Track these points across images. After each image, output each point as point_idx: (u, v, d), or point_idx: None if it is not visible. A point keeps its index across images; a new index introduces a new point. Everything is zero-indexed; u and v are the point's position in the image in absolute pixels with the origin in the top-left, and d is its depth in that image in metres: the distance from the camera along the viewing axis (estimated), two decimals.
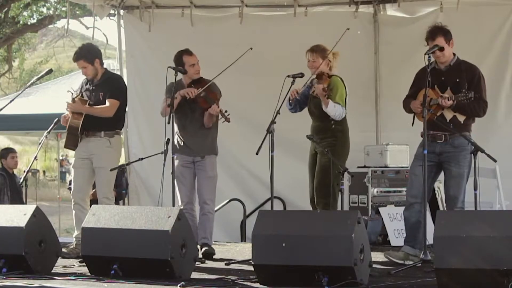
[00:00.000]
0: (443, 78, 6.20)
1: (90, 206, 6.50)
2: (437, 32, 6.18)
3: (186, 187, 6.85)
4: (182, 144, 6.77)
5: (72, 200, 6.96)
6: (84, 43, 7.27)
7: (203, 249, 6.62)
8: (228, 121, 6.70)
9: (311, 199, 6.93)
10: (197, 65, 6.88)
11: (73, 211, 6.94)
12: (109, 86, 6.85)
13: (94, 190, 7.24)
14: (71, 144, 6.94)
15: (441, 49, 6.11)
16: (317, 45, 6.91)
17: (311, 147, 6.97)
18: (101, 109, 6.77)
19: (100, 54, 7.04)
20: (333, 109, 6.66)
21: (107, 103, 6.78)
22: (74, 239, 6.84)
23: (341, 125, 6.83)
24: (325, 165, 6.71)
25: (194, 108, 6.80)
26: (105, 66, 7.17)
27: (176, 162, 6.52)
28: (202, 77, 6.90)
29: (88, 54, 6.89)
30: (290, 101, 6.81)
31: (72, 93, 6.90)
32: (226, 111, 6.67)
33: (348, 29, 6.76)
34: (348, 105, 6.89)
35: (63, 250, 6.65)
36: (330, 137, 6.75)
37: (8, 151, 10.02)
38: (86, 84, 7.00)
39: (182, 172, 6.76)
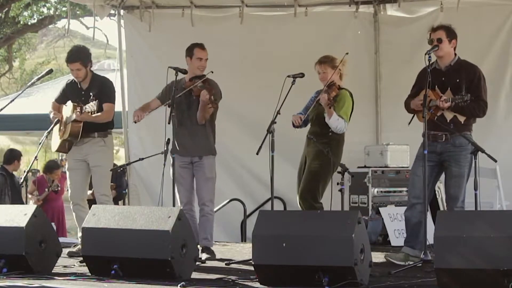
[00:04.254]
0: (443, 79, 6.20)
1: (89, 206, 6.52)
2: (441, 27, 6.21)
3: (185, 188, 6.84)
4: (179, 144, 6.72)
5: (71, 202, 6.98)
6: (78, 45, 7.27)
7: (204, 255, 6.57)
8: (215, 108, 6.63)
9: (299, 202, 6.90)
10: (204, 62, 6.86)
11: (74, 213, 6.96)
12: (102, 90, 6.87)
13: (92, 191, 7.27)
14: (65, 149, 6.96)
15: (439, 40, 6.11)
16: (324, 56, 6.88)
17: (303, 151, 6.95)
18: (103, 116, 6.80)
19: (91, 57, 7.07)
20: (335, 122, 6.62)
21: (105, 108, 6.81)
22: (79, 239, 6.84)
23: (338, 135, 6.74)
24: (313, 170, 6.68)
25: (191, 104, 6.79)
26: (105, 66, 7.20)
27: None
28: (205, 75, 6.87)
29: (85, 57, 6.91)
30: (295, 126, 6.78)
31: (82, 108, 6.85)
32: (215, 100, 6.63)
33: (347, 53, 6.74)
34: None
35: (71, 249, 6.68)
36: (324, 143, 6.68)
37: (18, 155, 10.02)
38: (72, 88, 7.01)
39: (180, 173, 6.74)
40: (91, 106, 6.63)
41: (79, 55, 6.90)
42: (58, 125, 6.99)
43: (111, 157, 7.14)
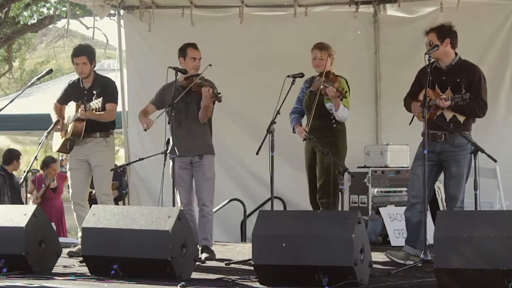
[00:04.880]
0: (443, 78, 6.20)
1: (90, 206, 6.53)
2: (431, 29, 6.22)
3: (185, 189, 6.83)
4: (178, 144, 6.70)
5: (72, 202, 6.99)
6: (83, 43, 7.34)
7: (204, 254, 6.56)
8: (219, 101, 6.62)
9: (311, 199, 6.91)
10: (198, 61, 6.88)
11: (75, 213, 6.97)
12: (105, 90, 6.89)
13: (93, 191, 7.28)
14: (66, 149, 6.97)
15: (430, 43, 6.13)
16: (322, 42, 6.89)
17: (307, 145, 6.94)
18: (105, 115, 6.82)
19: (95, 57, 7.14)
20: (342, 112, 6.63)
21: (108, 108, 6.83)
22: (80, 239, 6.84)
23: (341, 125, 6.81)
24: (328, 165, 6.67)
25: (188, 103, 6.79)
26: (105, 66, 7.23)
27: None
28: (200, 74, 6.87)
29: (90, 53, 6.99)
30: (304, 140, 6.74)
31: (86, 106, 6.86)
32: (219, 93, 6.63)
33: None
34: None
35: (71, 249, 6.68)
36: (331, 136, 6.71)
37: (17, 155, 10.01)
38: (74, 88, 7.03)
39: (180, 174, 6.74)
40: (96, 103, 6.64)
41: (86, 50, 6.99)
42: (59, 126, 7.00)
43: (112, 157, 7.17)
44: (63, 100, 7.08)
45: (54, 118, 7.02)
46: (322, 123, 6.78)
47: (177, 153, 6.47)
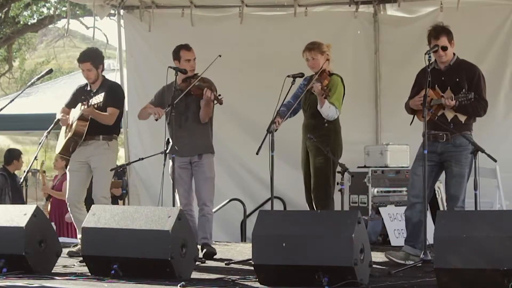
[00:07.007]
0: (443, 78, 6.20)
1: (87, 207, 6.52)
2: (441, 32, 6.19)
3: (184, 188, 6.84)
4: (177, 144, 6.60)
5: (68, 204, 6.97)
6: (91, 47, 7.30)
7: (204, 249, 6.60)
8: (221, 103, 6.61)
9: (306, 198, 6.91)
10: (193, 62, 6.87)
11: (71, 215, 6.98)
12: (110, 94, 6.84)
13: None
14: (68, 152, 6.95)
15: (444, 48, 6.12)
16: (311, 42, 6.87)
17: (302, 146, 6.93)
18: (104, 116, 6.80)
19: (103, 60, 7.09)
20: (327, 110, 6.61)
21: (108, 111, 6.81)
22: (79, 240, 6.84)
23: (334, 124, 6.76)
24: (319, 166, 6.67)
25: (188, 105, 6.79)
26: (105, 66, 7.19)
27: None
28: (197, 74, 6.87)
29: (95, 58, 6.95)
30: (275, 130, 6.40)
31: (88, 102, 6.85)
32: (219, 95, 6.62)
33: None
34: (348, 105, 6.88)
35: (71, 249, 6.69)
36: (323, 135, 6.68)
37: (17, 154, 10.01)
38: (81, 91, 7.02)
39: (180, 174, 6.74)
40: (97, 98, 6.64)
41: (90, 56, 6.94)
42: (65, 128, 6.99)
43: (113, 160, 7.06)
44: (71, 104, 7.05)
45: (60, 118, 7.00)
46: (314, 122, 6.77)
47: (177, 153, 6.46)
